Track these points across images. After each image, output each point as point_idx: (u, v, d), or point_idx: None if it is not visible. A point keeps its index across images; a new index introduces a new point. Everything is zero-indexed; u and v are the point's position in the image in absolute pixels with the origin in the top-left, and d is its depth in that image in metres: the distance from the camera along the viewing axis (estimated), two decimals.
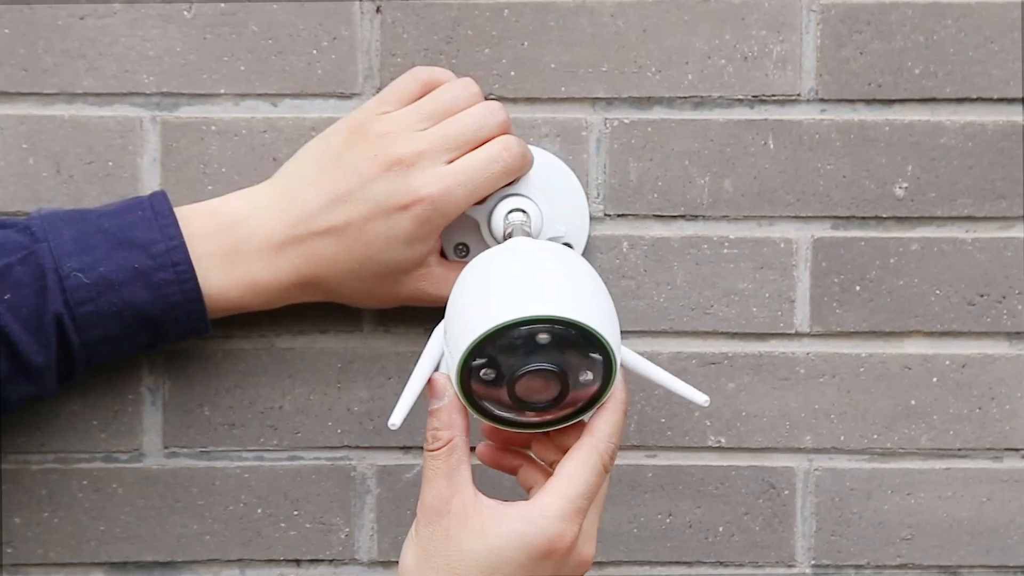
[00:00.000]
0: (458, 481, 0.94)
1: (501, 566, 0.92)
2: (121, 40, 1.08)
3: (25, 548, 1.11)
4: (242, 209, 1.03)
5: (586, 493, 0.94)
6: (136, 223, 1.01)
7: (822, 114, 1.09)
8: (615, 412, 0.95)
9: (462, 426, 0.95)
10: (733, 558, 1.12)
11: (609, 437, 0.95)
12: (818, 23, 1.09)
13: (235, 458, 1.11)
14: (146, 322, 1.01)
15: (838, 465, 1.12)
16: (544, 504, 0.93)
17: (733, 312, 1.11)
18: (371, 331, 1.10)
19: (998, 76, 1.09)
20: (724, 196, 1.10)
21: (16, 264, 0.99)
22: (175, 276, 1.00)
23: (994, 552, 1.12)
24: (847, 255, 1.10)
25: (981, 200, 1.10)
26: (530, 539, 0.92)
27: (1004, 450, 1.12)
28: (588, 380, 0.94)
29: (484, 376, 0.93)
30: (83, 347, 1.01)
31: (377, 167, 1.01)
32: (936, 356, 1.11)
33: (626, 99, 1.09)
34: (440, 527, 0.93)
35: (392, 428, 0.95)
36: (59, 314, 0.99)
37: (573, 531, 0.93)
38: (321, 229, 1.02)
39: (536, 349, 0.92)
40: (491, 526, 0.93)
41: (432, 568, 0.93)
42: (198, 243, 1.01)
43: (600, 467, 0.94)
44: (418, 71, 1.05)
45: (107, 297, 1.00)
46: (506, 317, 0.91)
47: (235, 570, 1.12)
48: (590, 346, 0.93)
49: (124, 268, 1.00)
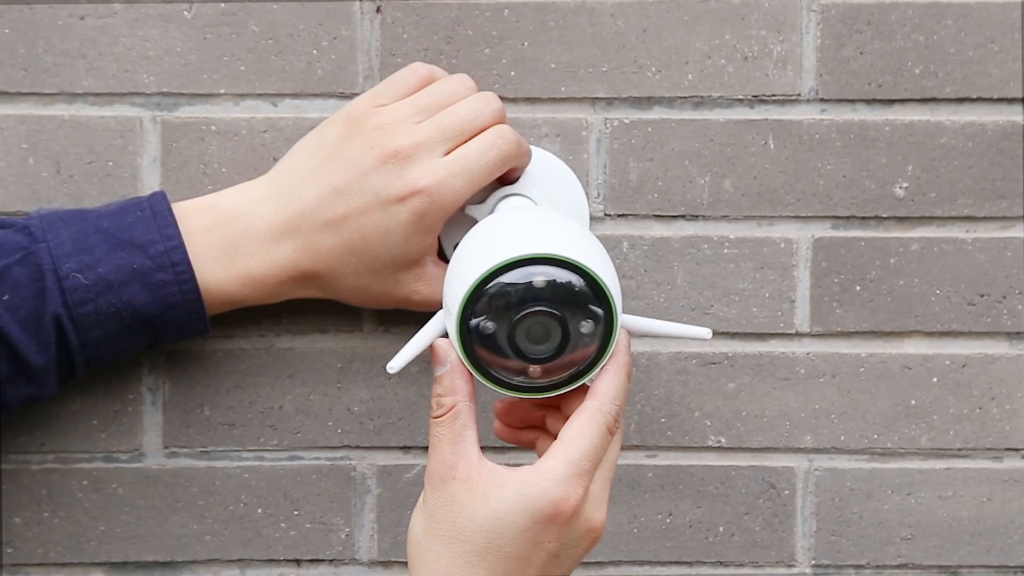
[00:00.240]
0: (462, 447, 0.93)
1: (505, 530, 0.92)
2: (121, 40, 1.08)
3: (25, 548, 1.11)
4: (239, 204, 1.03)
5: (590, 455, 0.93)
6: (135, 223, 1.01)
7: (822, 114, 1.09)
8: (618, 374, 0.94)
9: (466, 392, 0.94)
10: (733, 558, 1.12)
11: (612, 399, 0.94)
12: (818, 23, 1.09)
13: (235, 458, 1.11)
14: (145, 323, 1.01)
15: (838, 465, 1.12)
16: (547, 467, 0.92)
17: (733, 312, 1.11)
18: (371, 331, 1.10)
19: (998, 76, 1.09)
20: (724, 196, 1.10)
21: (15, 265, 0.99)
22: (174, 277, 1.00)
23: (994, 552, 1.12)
24: (847, 255, 1.10)
25: (981, 200, 1.10)
26: (533, 502, 0.91)
27: (1004, 450, 1.12)
28: (589, 332, 0.93)
29: (484, 330, 0.93)
30: (82, 348, 1.01)
31: (375, 159, 1.01)
32: (936, 356, 1.11)
33: (626, 99, 1.09)
34: (445, 493, 0.93)
35: (390, 372, 0.95)
36: (58, 315, 0.99)
37: (577, 494, 0.92)
38: (319, 222, 1.02)
39: (534, 296, 0.92)
40: (494, 491, 0.92)
41: (438, 535, 0.93)
42: (196, 239, 1.01)
43: (603, 429, 0.93)
44: (418, 66, 1.05)
45: (106, 298, 1.00)
46: (499, 259, 0.91)
47: (235, 570, 1.12)
48: (589, 299, 0.92)
49: (123, 269, 1.00)
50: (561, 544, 0.93)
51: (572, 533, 0.93)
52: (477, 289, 0.92)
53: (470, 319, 0.93)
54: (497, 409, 1.01)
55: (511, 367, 0.94)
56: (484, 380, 0.94)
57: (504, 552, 0.92)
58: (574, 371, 0.94)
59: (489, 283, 0.92)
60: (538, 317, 0.92)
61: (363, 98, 1.04)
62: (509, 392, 0.95)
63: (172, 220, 1.01)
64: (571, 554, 0.94)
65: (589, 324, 0.93)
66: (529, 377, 0.94)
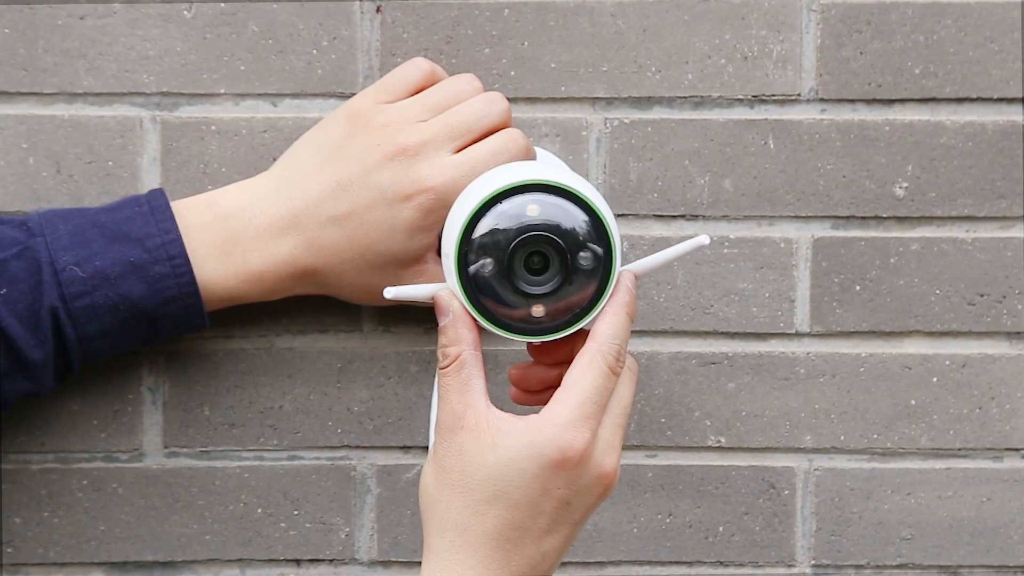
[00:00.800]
0: (470, 396, 0.93)
1: (513, 478, 0.91)
2: (121, 40, 1.08)
3: (25, 548, 1.10)
4: (240, 200, 1.03)
5: (594, 397, 0.92)
6: (132, 218, 1.01)
7: (822, 114, 1.09)
8: (617, 313, 0.94)
9: (471, 340, 0.93)
10: (733, 558, 1.12)
11: (611, 338, 0.93)
12: (818, 23, 1.09)
13: (235, 458, 1.11)
14: (142, 316, 1.01)
15: (838, 465, 1.12)
16: (551, 413, 0.92)
17: (733, 312, 1.11)
18: (371, 331, 1.10)
19: (998, 76, 1.09)
20: (724, 196, 1.10)
21: (12, 259, 0.99)
22: (171, 270, 1.00)
23: (994, 552, 1.12)
24: (847, 255, 1.10)
25: (981, 200, 1.10)
26: (539, 449, 0.91)
27: (1004, 450, 1.12)
28: (588, 265, 0.93)
29: (483, 270, 0.93)
30: (79, 342, 1.01)
31: (381, 156, 1.01)
32: (936, 356, 1.11)
33: (626, 99, 1.09)
34: (454, 443, 0.92)
35: (384, 295, 0.94)
36: (55, 308, 0.99)
37: (584, 437, 0.91)
38: (322, 218, 1.02)
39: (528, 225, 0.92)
40: (501, 439, 0.91)
41: (447, 485, 0.92)
42: (195, 235, 1.01)
43: (605, 369, 0.93)
44: (420, 61, 1.05)
45: (103, 291, 1.00)
46: (492, 189, 0.92)
47: (235, 570, 1.12)
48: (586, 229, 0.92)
49: (120, 262, 1.00)
50: (571, 490, 0.92)
51: (582, 479, 0.92)
52: (471, 224, 0.92)
53: (468, 265, 0.92)
54: (512, 376, 0.99)
55: (515, 313, 0.93)
56: (488, 324, 0.94)
57: (513, 499, 0.91)
58: (577, 311, 0.94)
59: (483, 216, 0.92)
60: (534, 245, 0.92)
61: (366, 94, 1.04)
62: (513, 336, 0.94)
63: (170, 215, 1.01)
64: (583, 501, 0.93)
65: (588, 256, 0.93)
66: (533, 319, 0.94)
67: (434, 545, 0.93)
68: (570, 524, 0.93)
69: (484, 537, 0.92)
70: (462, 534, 0.92)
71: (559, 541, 0.93)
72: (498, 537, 0.92)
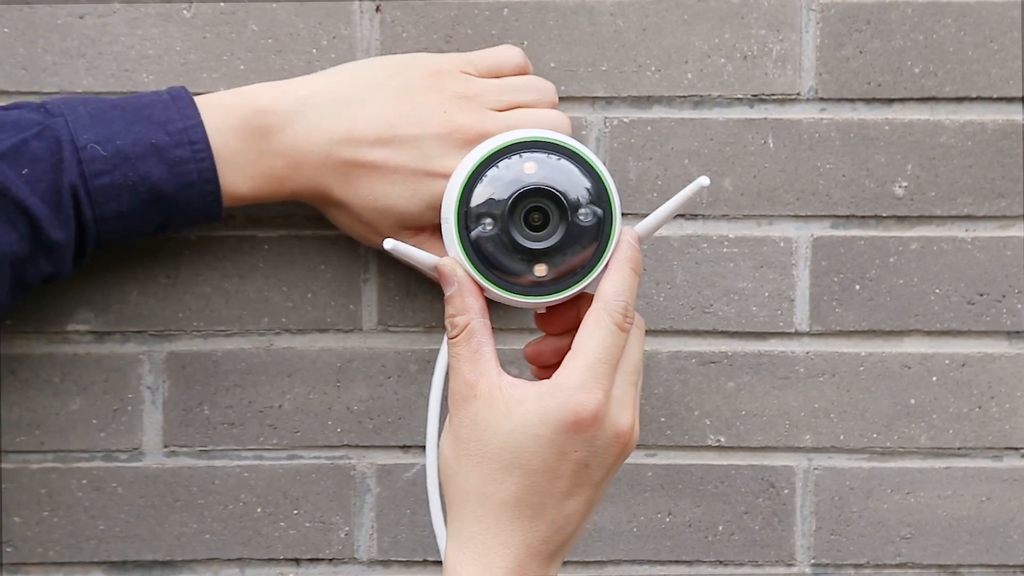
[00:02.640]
0: (481, 364, 0.93)
1: (529, 444, 0.91)
2: (121, 39, 1.08)
3: (25, 547, 1.11)
4: (284, 103, 1.01)
5: (604, 357, 0.92)
6: (153, 104, 1.00)
7: (822, 113, 1.09)
8: (620, 271, 0.93)
9: (477, 308, 0.93)
10: (733, 557, 1.12)
11: (616, 295, 0.93)
12: (818, 22, 1.09)
13: (235, 457, 1.11)
14: (159, 199, 1.00)
15: (838, 464, 1.12)
16: (563, 376, 0.92)
17: (733, 311, 1.11)
18: (371, 330, 1.10)
19: (998, 75, 1.09)
20: (724, 195, 1.10)
21: (32, 139, 0.98)
22: (192, 154, 0.99)
23: (994, 551, 1.12)
24: (847, 254, 1.10)
25: (981, 199, 1.10)
26: (553, 414, 0.91)
27: (1004, 449, 1.12)
28: (588, 221, 0.93)
29: (484, 230, 0.93)
30: (95, 222, 0.99)
31: (438, 125, 1.00)
32: (936, 355, 1.11)
33: (626, 98, 1.09)
34: (468, 412, 0.92)
35: (384, 245, 0.93)
36: (74, 185, 0.98)
37: (597, 398, 0.91)
38: (358, 161, 1.00)
39: (526, 179, 0.92)
40: (515, 405, 0.91)
41: (465, 454, 0.92)
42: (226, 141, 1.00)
43: (613, 327, 0.92)
44: (516, 50, 1.04)
45: (122, 170, 0.99)
46: (487, 150, 0.92)
47: (235, 569, 1.12)
48: (584, 184, 0.92)
49: (141, 142, 0.99)
50: (589, 452, 0.92)
51: (599, 440, 0.92)
52: (469, 185, 0.92)
53: (469, 229, 0.92)
54: (527, 353, 1.00)
55: (518, 278, 0.93)
56: (491, 286, 0.94)
57: (531, 465, 0.91)
58: (579, 270, 0.94)
59: (480, 177, 0.92)
60: (534, 200, 0.92)
61: (453, 58, 1.03)
62: (517, 297, 0.94)
63: (191, 102, 1.00)
64: (602, 462, 0.93)
65: (587, 212, 0.93)
66: (536, 280, 0.93)
67: (457, 515, 0.93)
68: (591, 485, 0.93)
69: (505, 504, 0.92)
70: (483, 503, 0.92)
71: (582, 503, 0.93)
72: (519, 503, 0.92)
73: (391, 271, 1.10)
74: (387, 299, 1.10)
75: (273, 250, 1.09)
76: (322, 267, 1.10)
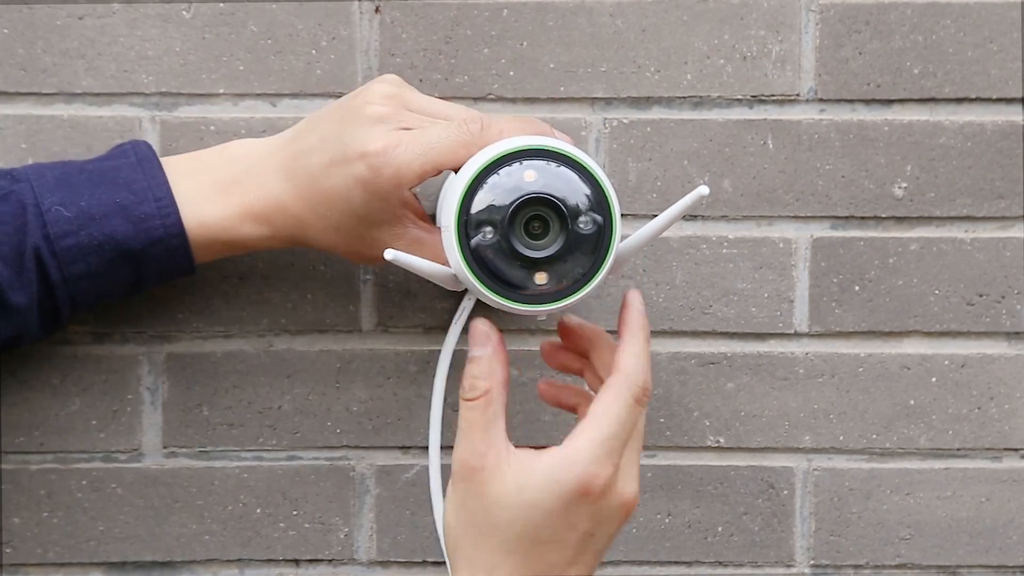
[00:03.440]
0: (493, 435, 0.93)
1: (538, 517, 0.92)
2: (120, 40, 1.08)
3: (24, 548, 1.11)
4: (243, 147, 1.02)
5: (618, 433, 0.92)
6: (119, 167, 1.01)
7: (821, 114, 1.09)
8: (636, 343, 0.94)
9: (500, 378, 0.94)
10: (732, 558, 1.12)
11: (637, 371, 0.93)
12: (817, 23, 1.09)
13: (234, 458, 1.11)
14: (128, 257, 1.00)
15: (837, 465, 1.12)
16: (575, 448, 0.92)
17: (732, 312, 1.11)
18: (370, 331, 1.10)
19: (997, 76, 1.09)
20: (723, 196, 1.10)
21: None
22: (157, 210, 0.99)
23: (993, 552, 1.12)
24: (846, 255, 1.10)
25: (980, 200, 1.10)
26: (564, 487, 0.91)
27: (1003, 450, 1.12)
28: (589, 229, 0.93)
29: (485, 239, 0.93)
30: (64, 283, 1.00)
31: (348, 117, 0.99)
32: (935, 356, 1.11)
33: (625, 99, 1.09)
34: (476, 483, 0.93)
35: (385, 256, 0.92)
36: (38, 247, 0.98)
37: (607, 472, 0.92)
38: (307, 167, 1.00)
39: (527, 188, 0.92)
40: (525, 478, 0.92)
41: (473, 526, 0.93)
42: (188, 181, 1.00)
43: (632, 403, 0.93)
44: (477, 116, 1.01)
45: (88, 230, 0.99)
46: (487, 158, 0.92)
47: (234, 570, 1.12)
48: (584, 191, 0.92)
49: (105, 203, 0.99)
50: (595, 522, 0.93)
51: (605, 510, 0.93)
52: (469, 193, 0.92)
53: (470, 236, 0.92)
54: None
55: (519, 287, 0.93)
56: (492, 295, 0.93)
57: (540, 537, 0.92)
58: (579, 278, 0.93)
59: (480, 185, 0.92)
60: (534, 208, 0.92)
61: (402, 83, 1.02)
62: (516, 305, 0.93)
63: (156, 163, 1.00)
64: (606, 530, 0.94)
65: (588, 220, 0.93)
66: (537, 290, 0.93)
67: None
68: (594, 553, 0.94)
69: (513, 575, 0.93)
70: (491, 573, 0.93)
71: (584, 570, 0.94)
72: (526, 575, 0.93)
73: (391, 272, 1.10)
74: (386, 300, 1.10)
75: (272, 251, 1.09)
76: (321, 268, 1.10)
